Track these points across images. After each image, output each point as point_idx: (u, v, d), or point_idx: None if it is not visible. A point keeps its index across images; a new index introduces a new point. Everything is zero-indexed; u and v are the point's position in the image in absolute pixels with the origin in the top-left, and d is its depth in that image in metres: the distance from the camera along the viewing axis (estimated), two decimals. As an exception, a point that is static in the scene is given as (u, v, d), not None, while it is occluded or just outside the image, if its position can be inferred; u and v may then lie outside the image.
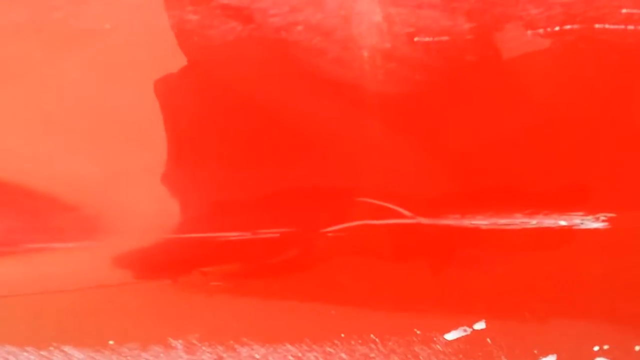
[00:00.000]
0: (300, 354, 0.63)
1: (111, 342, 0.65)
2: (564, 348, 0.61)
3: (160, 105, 0.61)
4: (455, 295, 0.63)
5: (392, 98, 0.59)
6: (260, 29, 0.57)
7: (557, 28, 0.54)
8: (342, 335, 0.63)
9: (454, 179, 0.61)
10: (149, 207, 0.64)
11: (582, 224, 0.60)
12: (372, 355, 0.63)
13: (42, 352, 0.66)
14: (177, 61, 0.59)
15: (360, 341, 0.63)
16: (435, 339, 0.62)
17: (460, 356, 0.62)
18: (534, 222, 0.60)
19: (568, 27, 0.54)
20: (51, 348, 0.66)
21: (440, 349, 0.62)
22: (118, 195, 0.64)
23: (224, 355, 0.64)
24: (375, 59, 0.57)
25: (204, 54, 0.59)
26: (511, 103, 0.59)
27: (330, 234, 0.62)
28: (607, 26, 0.54)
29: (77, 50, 0.61)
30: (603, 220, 0.59)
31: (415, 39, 0.55)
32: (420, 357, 0.62)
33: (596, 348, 0.61)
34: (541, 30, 0.55)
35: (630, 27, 0.54)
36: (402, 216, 0.61)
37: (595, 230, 0.59)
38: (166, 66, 0.60)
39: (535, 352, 0.62)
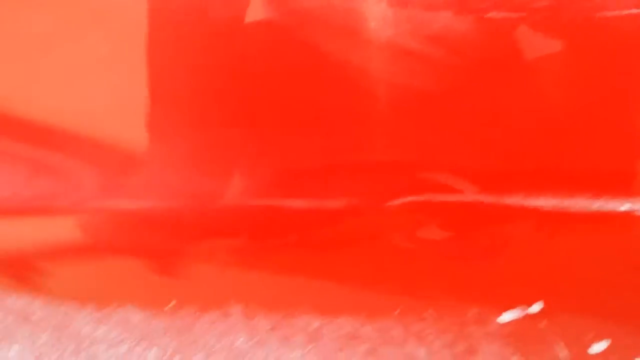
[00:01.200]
0: (355, 328, 0.63)
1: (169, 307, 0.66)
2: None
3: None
4: (510, 277, 0.63)
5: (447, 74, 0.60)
6: None
7: None
8: (396, 312, 0.63)
9: (519, 156, 0.61)
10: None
11: (645, 209, 0.59)
12: (427, 332, 0.63)
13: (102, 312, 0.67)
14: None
15: (414, 319, 0.63)
16: (489, 320, 0.62)
17: (512, 339, 0.62)
18: (596, 205, 0.60)
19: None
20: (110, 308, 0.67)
21: (493, 331, 0.62)
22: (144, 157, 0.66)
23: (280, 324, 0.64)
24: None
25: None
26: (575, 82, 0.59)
27: (391, 208, 0.62)
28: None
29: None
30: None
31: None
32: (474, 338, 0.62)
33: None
34: None
35: None
36: (464, 193, 0.62)
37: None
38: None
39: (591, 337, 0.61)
